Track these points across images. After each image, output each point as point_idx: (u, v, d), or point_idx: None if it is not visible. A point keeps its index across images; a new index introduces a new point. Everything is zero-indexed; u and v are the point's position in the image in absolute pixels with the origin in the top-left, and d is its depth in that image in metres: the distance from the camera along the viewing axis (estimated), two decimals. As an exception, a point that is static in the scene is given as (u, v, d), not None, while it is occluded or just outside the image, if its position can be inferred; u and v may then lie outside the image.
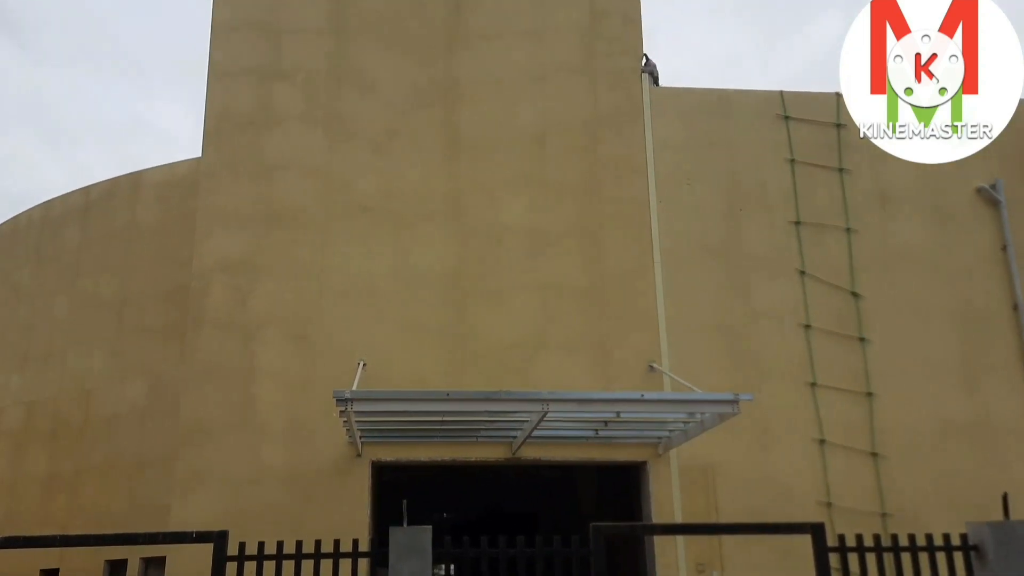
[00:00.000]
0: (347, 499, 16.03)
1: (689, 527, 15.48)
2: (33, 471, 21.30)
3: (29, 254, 24.69)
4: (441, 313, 17.31)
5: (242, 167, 18.24)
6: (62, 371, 22.48)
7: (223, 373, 17.12)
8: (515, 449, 16.22)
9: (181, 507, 16.25)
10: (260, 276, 17.51)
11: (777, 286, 17.98)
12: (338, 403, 13.35)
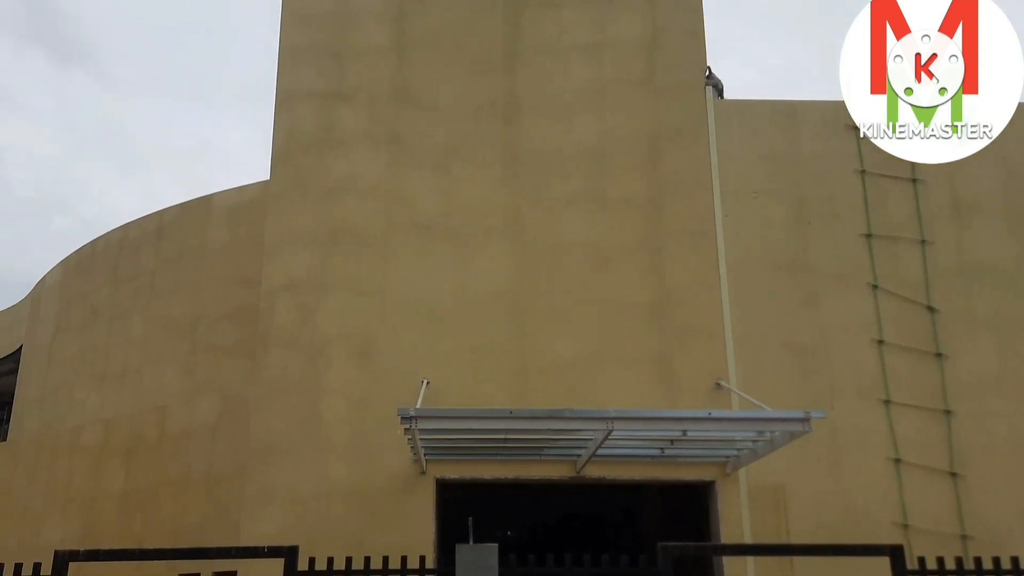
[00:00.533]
0: (412, 516, 16.07)
1: (760, 548, 15.07)
2: (111, 487, 21.94)
3: (107, 276, 25.63)
4: (502, 330, 17.30)
5: (308, 188, 18.61)
6: (138, 389, 23.19)
7: (290, 390, 17.41)
8: (579, 468, 16.05)
9: (251, 522, 16.53)
10: (325, 295, 17.80)
11: (848, 300, 17.50)
12: (402, 421, 13.43)
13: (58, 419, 25.44)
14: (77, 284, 27.00)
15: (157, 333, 23.30)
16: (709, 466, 16.36)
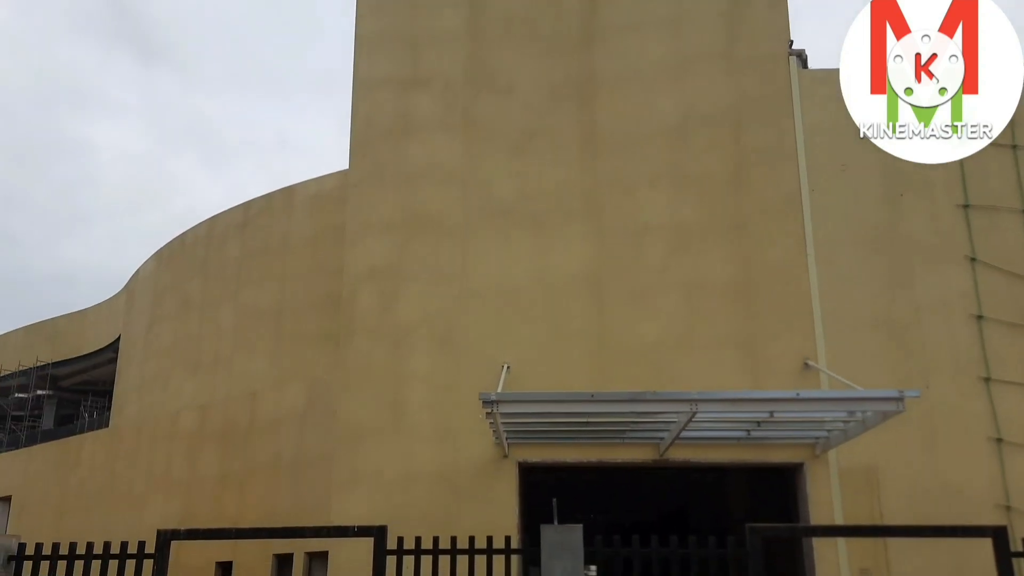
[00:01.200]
0: (495, 499, 16.18)
1: (854, 529, 14.57)
2: (206, 471, 22.79)
3: (196, 268, 26.53)
4: (583, 314, 17.20)
5: (386, 176, 18.84)
6: (229, 377, 23.98)
7: (375, 377, 17.72)
8: (663, 450, 15.86)
9: (340, 504, 16.94)
10: (406, 282, 18.01)
11: (944, 275, 16.72)
12: (484, 405, 13.51)
13: (156, 406, 26.54)
14: (169, 276, 28.05)
15: (246, 322, 24.01)
16: (797, 448, 15.94)
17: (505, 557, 8.20)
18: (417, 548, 7.99)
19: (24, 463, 31.40)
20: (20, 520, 28.92)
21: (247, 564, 20.63)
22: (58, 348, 38.86)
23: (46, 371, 39.10)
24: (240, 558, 20.85)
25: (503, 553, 8.12)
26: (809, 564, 15.55)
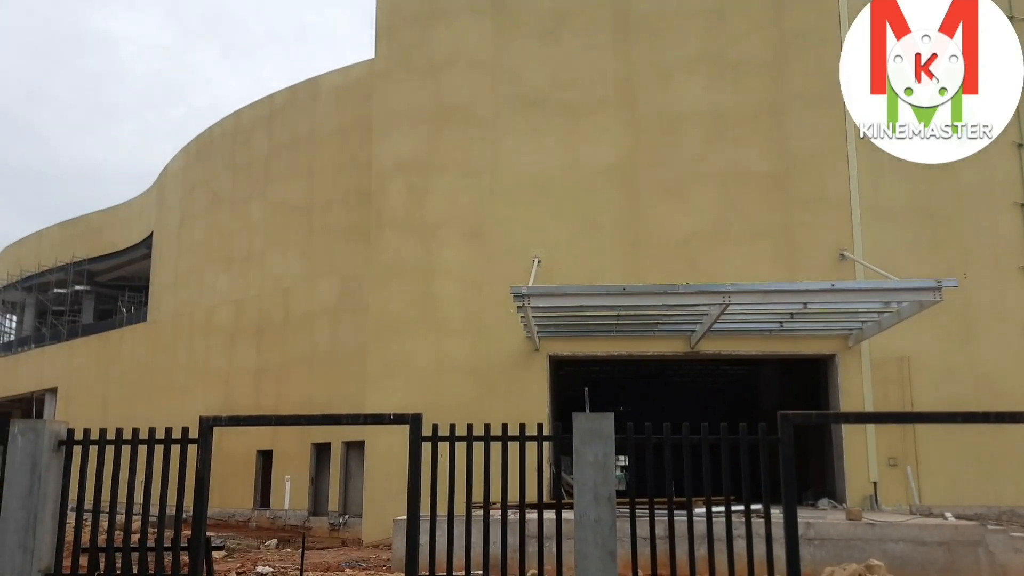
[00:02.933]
0: (526, 390, 16.43)
1: (886, 416, 14.62)
2: (244, 364, 23.36)
3: (225, 163, 26.43)
4: (615, 206, 16.95)
5: (413, 64, 18.36)
6: (262, 272, 24.23)
7: (405, 271, 17.79)
8: (694, 343, 15.89)
9: (374, 396, 17.32)
10: (435, 175, 17.80)
11: (988, 161, 16.11)
12: (515, 299, 13.56)
13: (192, 301, 27.01)
14: (198, 171, 28.01)
15: (276, 217, 24.06)
16: (830, 339, 15.90)
17: (538, 444, 8.27)
18: (451, 435, 8.08)
19: (67, 356, 32.45)
20: (67, 409, 30.11)
21: (287, 452, 21.39)
22: (93, 244, 39.43)
23: (83, 267, 39.80)
24: (280, 447, 21.61)
25: (535, 440, 8.19)
26: (838, 453, 15.75)
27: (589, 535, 7.44)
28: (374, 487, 16.97)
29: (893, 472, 15.30)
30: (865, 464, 15.39)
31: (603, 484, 7.58)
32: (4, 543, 7.16)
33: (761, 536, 7.47)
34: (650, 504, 7.97)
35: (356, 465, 19.50)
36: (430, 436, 7.90)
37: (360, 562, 13.38)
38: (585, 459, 7.74)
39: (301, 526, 20.03)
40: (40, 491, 7.29)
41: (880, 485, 15.30)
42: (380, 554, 14.28)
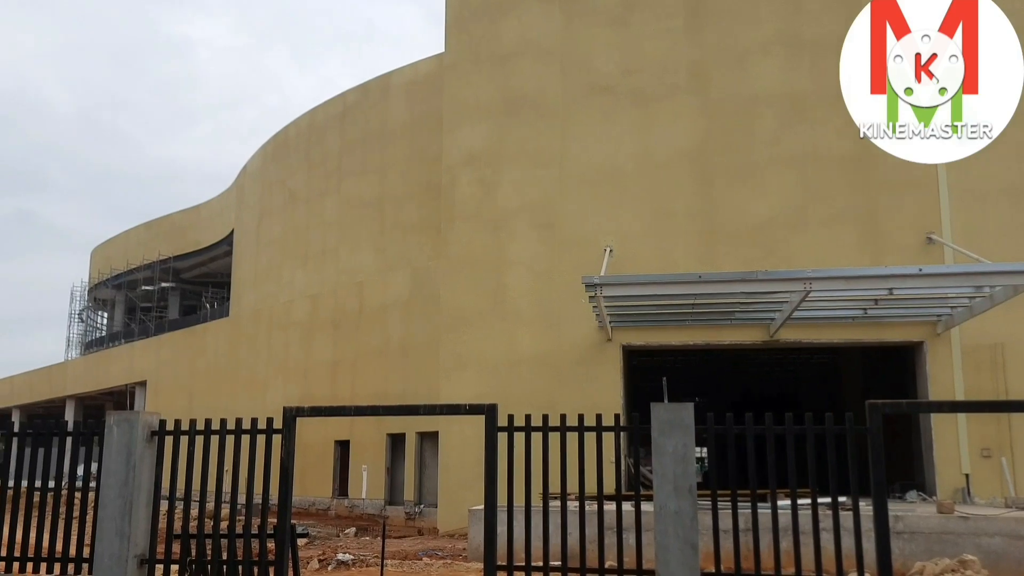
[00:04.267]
0: (598, 381, 16.30)
1: (981, 405, 13.93)
2: (321, 356, 23.87)
3: (300, 161, 27.02)
4: (689, 192, 16.65)
5: (482, 56, 18.37)
6: (337, 267, 24.70)
7: (476, 264, 17.85)
8: (773, 332, 15.51)
9: (447, 387, 17.46)
10: (505, 166, 17.79)
11: (1088, 139, 15.30)
12: (587, 289, 13.45)
13: (271, 296, 27.74)
14: (275, 170, 28.71)
15: (349, 213, 24.48)
16: (918, 326, 15.30)
17: (615, 435, 8.21)
18: (527, 425, 8.06)
19: (155, 350, 33.71)
20: (155, 401, 31.30)
21: (363, 442, 21.78)
22: (177, 242, 40.90)
23: (168, 265, 41.35)
24: (356, 437, 22.02)
25: (612, 431, 8.11)
26: (927, 444, 15.17)
27: (670, 527, 7.34)
28: (448, 477, 17.12)
29: (987, 463, 14.66)
30: (956, 455, 14.80)
31: (683, 476, 7.46)
32: (103, 529, 7.45)
33: (848, 529, 7.24)
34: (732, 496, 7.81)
35: (430, 455, 19.72)
36: (506, 427, 7.91)
37: (436, 551, 13.51)
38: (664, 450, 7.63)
39: (378, 515, 20.38)
40: (135, 480, 7.56)
41: (973, 477, 14.69)
42: (456, 543, 14.39)
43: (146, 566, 7.63)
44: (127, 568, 7.38)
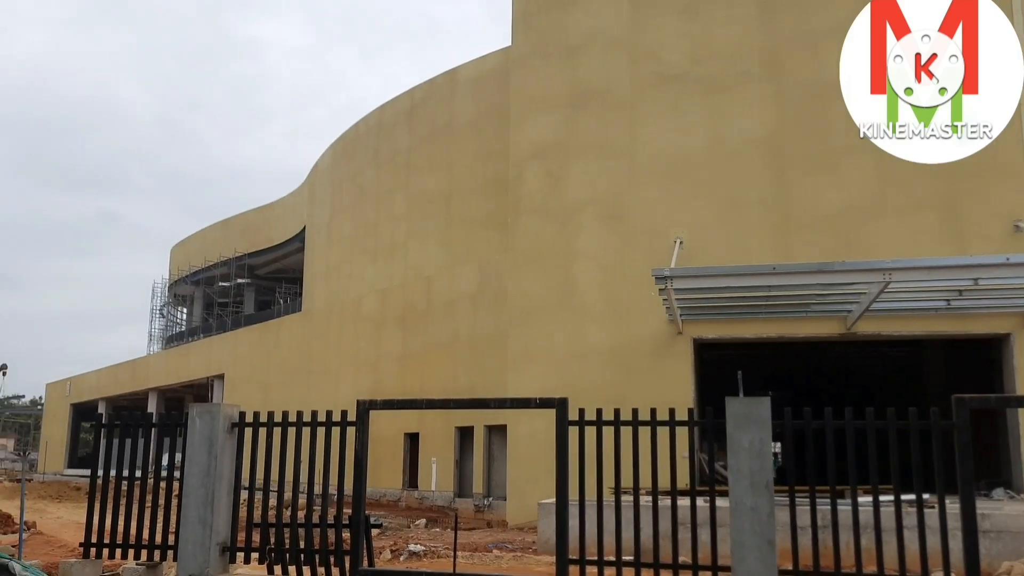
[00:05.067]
0: (669, 375, 16.11)
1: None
2: (390, 350, 24.20)
3: (369, 157, 27.40)
4: (761, 182, 16.30)
5: (550, 49, 18.30)
6: (405, 262, 24.99)
7: (543, 257, 17.82)
8: (851, 324, 15.07)
9: (515, 381, 17.49)
10: (572, 159, 17.71)
11: None
12: (657, 281, 13.28)
13: (341, 291, 28.24)
14: (345, 167, 29.19)
15: (417, 208, 24.72)
16: (1004, 317, 14.68)
17: (689, 429, 8.07)
18: (598, 419, 8.00)
19: (232, 345, 34.70)
20: (233, 393, 32.20)
21: (432, 435, 22.01)
22: (252, 240, 42.00)
23: (243, 261, 42.51)
24: (426, 430, 22.26)
25: (685, 425, 7.98)
26: (1015, 440, 14.56)
27: (746, 523, 7.21)
28: (517, 471, 17.17)
29: (1080, 462, 14.00)
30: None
31: (760, 471, 7.32)
32: (187, 517, 7.70)
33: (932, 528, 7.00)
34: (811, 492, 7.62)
35: (498, 448, 19.80)
36: (576, 420, 7.87)
37: (506, 543, 13.56)
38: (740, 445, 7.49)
39: (447, 507, 20.58)
40: (216, 470, 7.78)
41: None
42: (525, 537, 14.42)
43: (227, 553, 7.86)
44: (210, 555, 7.61)
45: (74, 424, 49.07)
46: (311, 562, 7.72)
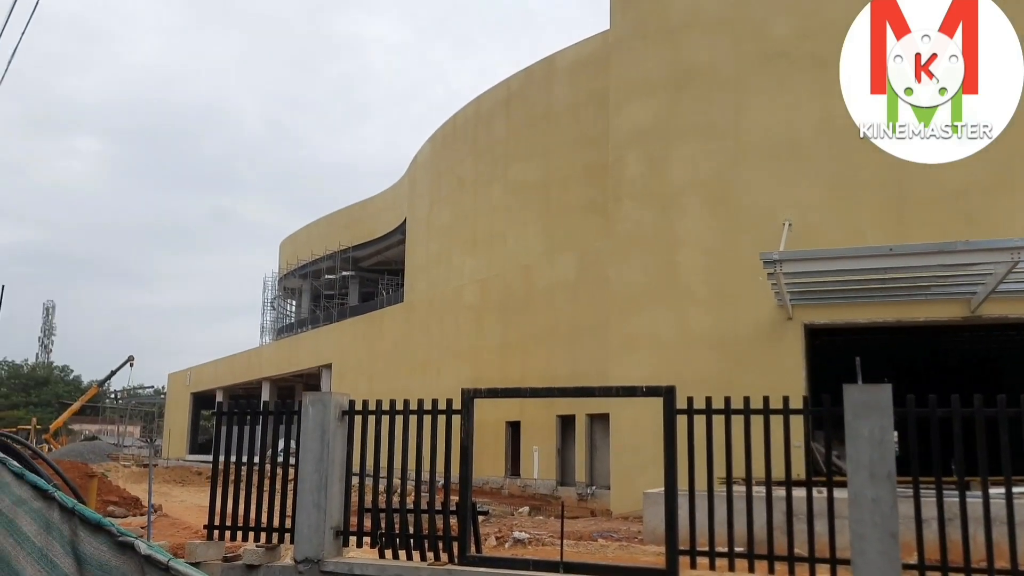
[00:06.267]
0: (777, 362, 15.60)
1: None
2: (491, 339, 24.37)
3: (467, 148, 27.64)
4: (875, 160, 15.40)
5: (649, 30, 17.95)
6: (504, 251, 25.10)
7: (645, 243, 17.53)
8: (975, 307, 14.22)
9: (617, 369, 17.30)
10: (675, 142, 17.33)
11: None
12: (765, 265, 12.91)
13: (441, 281, 28.63)
14: (443, 159, 29.54)
15: (515, 197, 24.77)
16: None
17: (804, 418, 7.76)
18: (708, 408, 7.76)
19: (338, 336, 35.75)
20: (340, 382, 33.18)
21: (533, 424, 22.06)
22: (355, 233, 43.15)
23: (348, 254, 43.72)
24: (527, 418, 22.34)
25: (800, 413, 7.67)
26: None
27: (866, 515, 6.89)
28: (621, 459, 17.00)
29: None
30: None
31: (881, 461, 6.98)
32: (302, 502, 7.94)
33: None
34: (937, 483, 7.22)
35: (600, 437, 19.67)
36: (685, 409, 7.66)
37: (611, 532, 13.46)
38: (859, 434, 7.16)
39: (550, 495, 20.60)
40: (329, 456, 7.99)
41: None
42: (631, 526, 14.27)
43: (341, 537, 8.06)
44: (324, 538, 7.82)
45: (194, 412, 51.69)
46: (420, 547, 7.84)
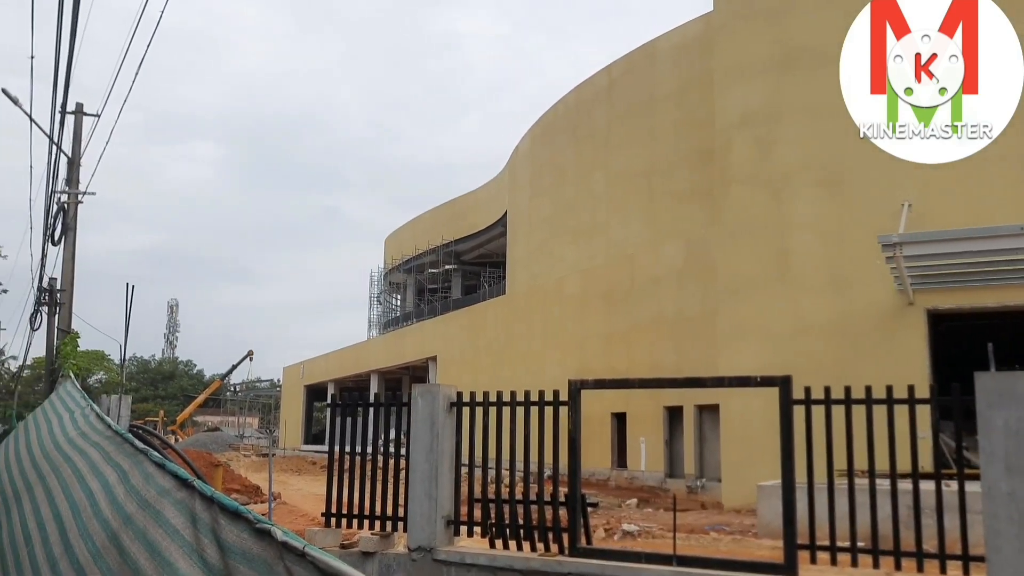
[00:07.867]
0: (897, 350, 14.85)
1: None
2: (594, 329, 24.20)
3: (568, 137, 27.49)
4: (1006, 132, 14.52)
5: (754, 10, 17.37)
6: (607, 240, 24.85)
7: (755, 228, 17.00)
8: (1121, 288, 13.17)
9: (727, 358, 16.86)
10: (783, 124, 16.73)
11: None
12: (884, 249, 12.34)
13: (543, 273, 28.62)
14: (543, 149, 29.49)
15: (618, 186, 24.48)
16: None
17: (931, 408, 7.35)
18: (827, 398, 7.44)
19: (442, 328, 36.30)
20: (445, 374, 33.70)
21: (639, 415, 21.78)
22: (457, 227, 43.69)
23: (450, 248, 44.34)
24: (633, 409, 22.07)
25: (926, 403, 7.26)
26: None
27: (1001, 510, 6.46)
28: (732, 451, 16.58)
29: None
30: None
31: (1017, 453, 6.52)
32: (414, 492, 8.07)
33: None
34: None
35: (709, 428, 19.23)
36: (802, 399, 7.38)
37: (723, 526, 13.15)
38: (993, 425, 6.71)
39: (658, 487, 20.30)
40: (438, 447, 8.09)
41: None
42: (743, 519, 13.90)
43: (452, 526, 8.15)
44: (436, 527, 7.93)
45: (308, 404, 53.60)
46: (531, 538, 7.84)
